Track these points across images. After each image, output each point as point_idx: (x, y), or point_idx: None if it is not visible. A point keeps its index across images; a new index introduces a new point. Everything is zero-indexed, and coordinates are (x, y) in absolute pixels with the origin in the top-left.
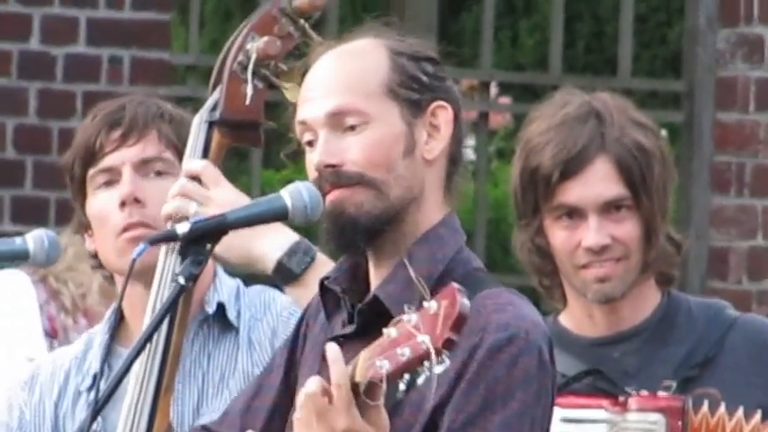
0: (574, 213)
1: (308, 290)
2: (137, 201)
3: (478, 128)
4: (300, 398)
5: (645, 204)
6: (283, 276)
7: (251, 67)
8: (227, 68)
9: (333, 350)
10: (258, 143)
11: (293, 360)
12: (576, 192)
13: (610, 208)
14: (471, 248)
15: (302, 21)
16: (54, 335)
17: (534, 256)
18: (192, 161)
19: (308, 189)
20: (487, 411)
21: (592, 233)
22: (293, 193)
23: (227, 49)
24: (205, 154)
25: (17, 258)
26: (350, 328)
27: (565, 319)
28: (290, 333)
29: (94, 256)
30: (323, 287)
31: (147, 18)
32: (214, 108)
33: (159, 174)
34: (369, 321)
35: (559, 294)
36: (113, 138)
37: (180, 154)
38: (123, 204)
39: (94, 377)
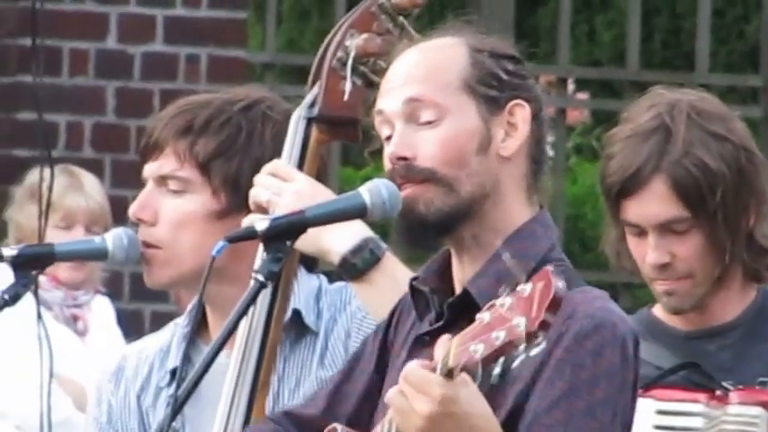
0: (639, 230)
1: (372, 288)
2: (141, 220)
3: (556, 124)
4: (400, 385)
5: (707, 225)
6: (347, 272)
7: (350, 63)
8: (326, 65)
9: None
10: (356, 140)
11: (385, 347)
12: (634, 211)
13: (669, 227)
14: None
15: (401, 18)
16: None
17: (619, 259)
18: (269, 163)
19: (387, 186)
20: (572, 396)
21: (651, 252)
22: (372, 190)
23: (325, 46)
24: (303, 150)
25: (96, 257)
26: (439, 324)
27: (658, 311)
28: (383, 321)
29: None
30: (412, 287)
31: (224, 16)
32: (312, 105)
33: (174, 192)
34: (458, 316)
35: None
36: (146, 150)
37: (203, 167)
38: (134, 223)
39: (173, 373)
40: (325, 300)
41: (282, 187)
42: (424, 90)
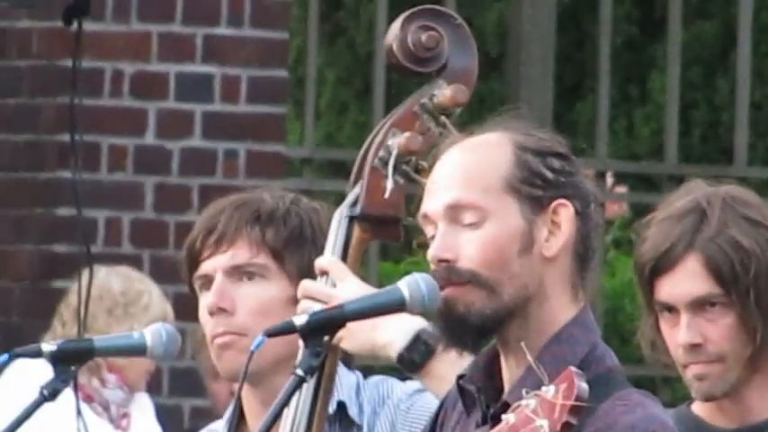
0: (671, 310)
1: (433, 379)
2: (222, 310)
3: None
4: None
5: (739, 303)
6: (408, 367)
7: (392, 162)
8: (368, 163)
9: None
10: (398, 238)
11: None
12: (667, 289)
13: (701, 306)
14: None
15: (443, 117)
16: (90, 400)
17: (654, 351)
18: (323, 257)
19: (426, 280)
20: None
21: (683, 331)
22: (411, 285)
23: (368, 145)
24: (345, 249)
25: (136, 353)
26: (483, 430)
27: (698, 409)
28: (430, 419)
29: None
30: (459, 386)
31: (263, 111)
32: (354, 203)
33: (251, 277)
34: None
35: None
36: (209, 243)
37: (277, 255)
38: (211, 313)
39: None
40: (365, 394)
41: (331, 296)
42: (465, 194)
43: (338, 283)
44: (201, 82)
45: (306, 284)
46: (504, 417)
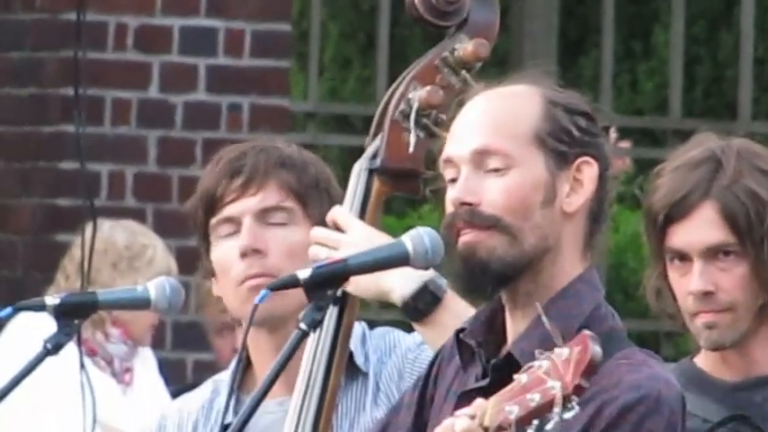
0: (683, 258)
1: (436, 329)
2: (256, 251)
3: None
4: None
5: (752, 252)
6: (411, 314)
7: (413, 115)
8: (389, 117)
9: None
10: (417, 192)
11: (424, 400)
12: (681, 236)
13: (715, 254)
14: None
15: (464, 71)
16: (93, 354)
17: (659, 300)
18: (332, 209)
19: (430, 235)
20: None
21: (695, 278)
22: (414, 239)
23: (388, 98)
24: (365, 201)
25: (139, 306)
26: (484, 383)
27: (701, 362)
28: (422, 373)
29: (221, 300)
30: (459, 339)
31: (266, 65)
32: (374, 156)
33: (279, 224)
34: (503, 377)
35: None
36: (234, 187)
37: (302, 200)
38: (244, 255)
39: (224, 428)
40: (371, 343)
41: (339, 240)
42: (493, 140)
43: (346, 230)
44: (205, 36)
45: (315, 231)
46: (515, 377)
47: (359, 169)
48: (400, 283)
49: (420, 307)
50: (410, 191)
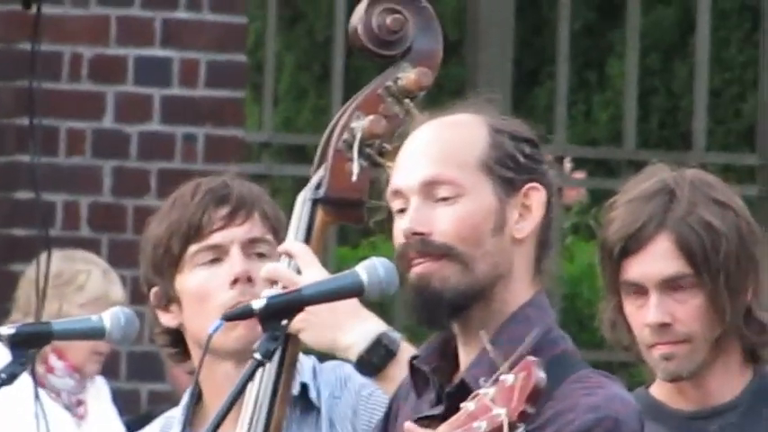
0: (639, 291)
1: (391, 383)
2: (249, 279)
3: None
4: None
5: (709, 283)
6: (365, 369)
7: (356, 145)
8: (332, 147)
9: (408, 428)
10: (361, 221)
11: None
12: (637, 269)
13: (671, 285)
14: None
15: (407, 100)
16: (41, 385)
17: (614, 332)
18: (292, 242)
19: (384, 265)
20: None
21: (652, 310)
22: (369, 269)
23: (331, 128)
24: (308, 232)
25: (94, 336)
26: (438, 410)
27: (656, 392)
28: (381, 416)
29: (167, 332)
30: (412, 366)
31: (221, 95)
32: (318, 186)
33: (261, 255)
34: (457, 403)
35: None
36: (221, 215)
37: (277, 235)
38: (235, 282)
39: None
40: (321, 378)
41: (295, 282)
42: (441, 170)
43: (304, 270)
44: (160, 66)
45: (272, 267)
46: (462, 405)
47: (303, 199)
48: (355, 340)
49: (374, 361)
50: (354, 220)
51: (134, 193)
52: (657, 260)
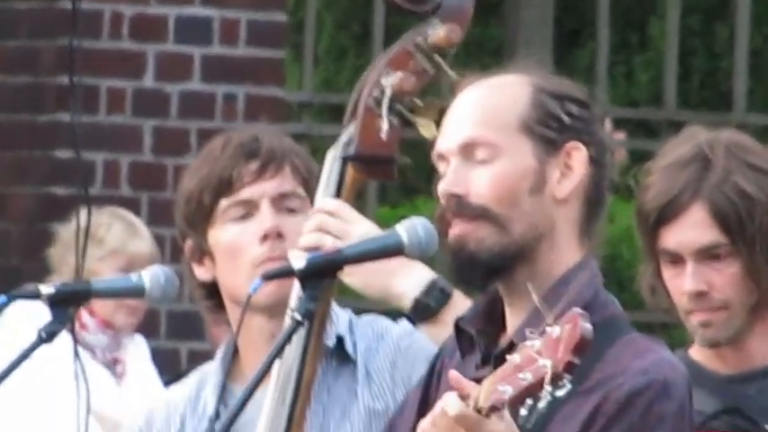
0: (676, 259)
1: (445, 328)
2: (279, 235)
3: None
4: (435, 416)
5: (745, 251)
6: (420, 314)
7: (386, 102)
8: (362, 104)
9: (454, 376)
10: (391, 178)
11: (428, 398)
12: (673, 237)
13: (707, 254)
14: None
15: (437, 57)
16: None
17: (655, 296)
18: (327, 199)
19: (424, 225)
20: None
21: (688, 279)
22: (409, 229)
23: (361, 84)
24: (339, 189)
25: (134, 295)
26: (485, 371)
27: (696, 354)
28: (425, 371)
29: (202, 285)
30: (458, 327)
31: (262, 55)
32: (348, 143)
33: (292, 210)
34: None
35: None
36: (251, 170)
37: (309, 189)
38: (265, 238)
39: (212, 419)
40: (358, 331)
41: (347, 231)
42: (479, 131)
43: (350, 224)
44: (200, 25)
45: (322, 218)
46: (508, 357)
47: (333, 157)
48: (410, 284)
49: (431, 304)
50: (385, 177)
51: (174, 152)
52: (692, 229)
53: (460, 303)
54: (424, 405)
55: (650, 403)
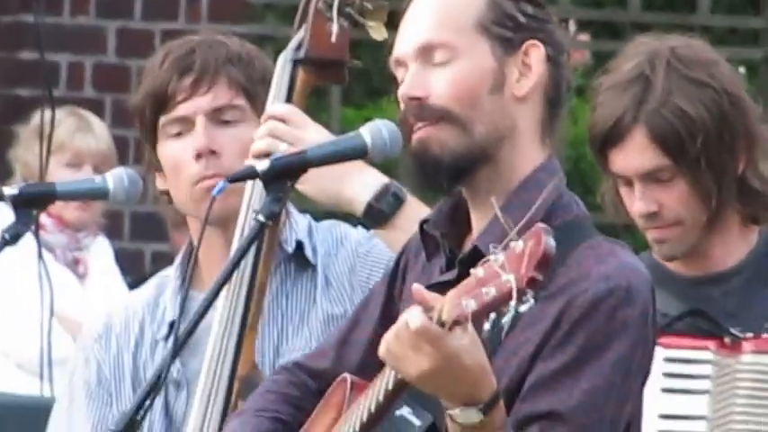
0: (627, 181)
1: (398, 232)
2: (212, 152)
3: None
4: (398, 329)
5: (689, 171)
6: (373, 219)
7: (336, 5)
8: (313, 7)
9: (416, 289)
10: (342, 81)
11: (392, 294)
12: (619, 162)
13: (653, 177)
14: None
15: None
16: None
17: (617, 210)
18: (277, 104)
19: (388, 126)
20: (581, 362)
21: (638, 201)
22: (373, 131)
23: None
24: (290, 93)
25: (98, 197)
26: (450, 275)
27: None
28: (390, 267)
29: (165, 193)
30: (422, 230)
31: None
32: (299, 47)
33: (231, 122)
34: (469, 269)
35: None
36: (184, 85)
37: (251, 96)
38: (199, 156)
39: (171, 325)
40: (318, 236)
41: (298, 137)
42: (436, 34)
43: (301, 130)
44: None
45: (273, 124)
46: (472, 271)
47: (283, 61)
48: (362, 189)
49: (384, 209)
50: (335, 80)
51: (138, 54)
52: (635, 154)
53: (413, 208)
54: (389, 301)
55: (613, 309)
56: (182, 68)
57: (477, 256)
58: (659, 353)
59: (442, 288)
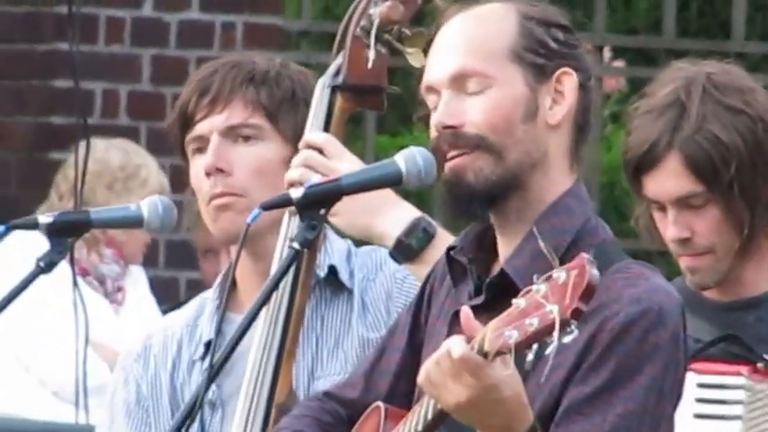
0: (660, 206)
1: (427, 267)
2: (219, 170)
3: None
4: (439, 357)
5: (722, 197)
6: (402, 254)
7: (374, 31)
8: (350, 33)
9: (466, 314)
10: (381, 108)
11: (418, 322)
12: (652, 187)
13: (686, 203)
14: None
15: None
16: (85, 273)
17: (651, 235)
18: (315, 131)
19: (423, 154)
20: (614, 386)
21: (671, 227)
22: (408, 158)
23: (350, 14)
24: (328, 119)
25: (132, 225)
26: (478, 300)
27: None
28: (415, 295)
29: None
30: (449, 257)
31: None
32: (337, 73)
33: (247, 139)
34: (497, 294)
35: None
36: (203, 105)
37: (271, 115)
38: (208, 174)
39: (207, 345)
40: (356, 261)
41: (332, 168)
42: (470, 62)
43: (335, 161)
44: None
45: (309, 154)
46: (514, 301)
47: (322, 87)
48: (392, 224)
49: (413, 244)
50: (373, 106)
51: (173, 81)
52: (669, 179)
53: (445, 242)
54: (415, 328)
55: (645, 332)
56: (201, 89)
57: (504, 280)
58: (692, 378)
59: (473, 312)
